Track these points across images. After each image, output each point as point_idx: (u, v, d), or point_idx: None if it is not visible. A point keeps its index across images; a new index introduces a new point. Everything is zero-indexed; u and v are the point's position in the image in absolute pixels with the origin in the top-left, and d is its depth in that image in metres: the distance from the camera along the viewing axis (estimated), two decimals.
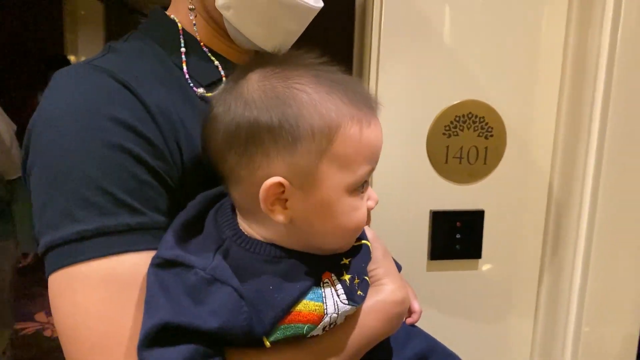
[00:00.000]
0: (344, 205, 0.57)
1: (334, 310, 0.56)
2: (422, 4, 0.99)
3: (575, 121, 1.02)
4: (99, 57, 0.66)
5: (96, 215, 0.56)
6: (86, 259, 0.56)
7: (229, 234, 0.58)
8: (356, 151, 0.56)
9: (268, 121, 0.54)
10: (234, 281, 0.53)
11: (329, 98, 0.55)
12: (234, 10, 0.69)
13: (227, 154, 0.56)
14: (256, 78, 0.57)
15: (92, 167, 0.57)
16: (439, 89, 1.02)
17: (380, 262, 0.66)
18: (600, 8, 0.96)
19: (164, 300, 0.53)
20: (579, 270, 1.01)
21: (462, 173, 1.05)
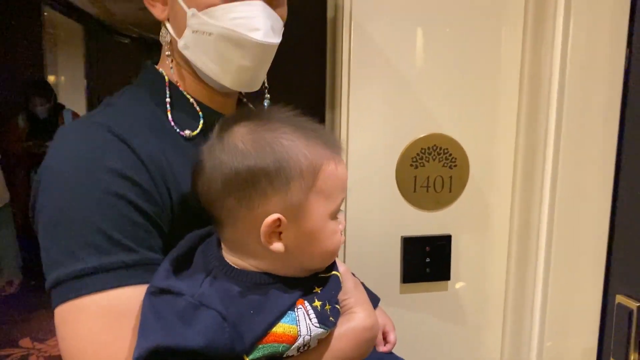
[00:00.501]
0: (328, 230, 0.68)
1: (307, 332, 0.64)
2: (386, 45, 1.06)
3: (532, 150, 1.10)
4: (98, 112, 0.75)
5: (95, 254, 0.65)
6: (87, 293, 0.64)
7: (215, 264, 0.67)
8: (334, 184, 0.67)
9: (264, 166, 0.63)
10: (218, 306, 0.60)
11: (309, 144, 0.65)
12: (190, 49, 0.77)
13: (226, 198, 0.64)
14: (245, 131, 0.66)
15: (91, 212, 0.65)
16: (405, 124, 1.09)
17: (351, 292, 0.73)
18: (549, 45, 1.05)
19: (156, 323, 0.61)
20: (539, 289, 1.09)
21: (429, 201, 1.12)
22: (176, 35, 0.78)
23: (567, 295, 1.09)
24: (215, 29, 0.73)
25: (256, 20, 0.73)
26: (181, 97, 0.81)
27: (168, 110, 0.78)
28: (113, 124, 0.71)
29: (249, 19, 0.73)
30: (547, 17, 1.06)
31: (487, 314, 1.19)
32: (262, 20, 0.73)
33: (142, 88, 0.82)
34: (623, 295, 1.04)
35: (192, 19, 0.74)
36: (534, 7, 1.08)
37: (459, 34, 1.09)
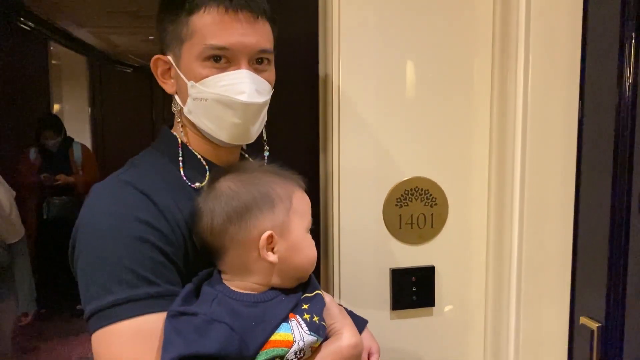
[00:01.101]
0: (306, 242, 0.88)
1: (301, 338, 0.79)
2: (371, 101, 1.21)
3: (501, 189, 1.25)
4: (124, 171, 0.92)
5: (126, 288, 0.80)
6: (119, 320, 0.80)
7: (220, 289, 0.84)
8: (304, 206, 0.90)
9: (253, 198, 0.84)
10: (227, 319, 0.77)
11: (280, 179, 0.89)
12: (193, 113, 0.94)
13: (228, 228, 0.83)
14: (230, 179, 0.87)
15: (123, 254, 0.82)
16: (389, 169, 1.24)
17: (337, 317, 0.89)
18: (512, 95, 1.19)
19: (177, 338, 0.76)
20: (513, 313, 1.22)
21: (414, 236, 1.27)
22: (182, 103, 0.95)
23: (538, 318, 1.22)
24: (209, 95, 0.89)
25: (242, 85, 0.89)
26: (191, 155, 0.97)
27: (181, 167, 0.95)
28: (137, 181, 0.88)
29: (235, 85, 0.89)
30: (509, 73, 1.20)
31: (469, 336, 1.32)
32: (247, 85, 0.89)
33: (159, 149, 0.98)
34: (585, 317, 1.17)
35: (192, 89, 0.91)
36: (498, 67, 1.24)
37: (435, 88, 1.24)
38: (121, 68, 6.47)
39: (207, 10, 0.88)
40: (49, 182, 3.75)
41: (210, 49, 0.88)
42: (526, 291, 1.21)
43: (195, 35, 0.89)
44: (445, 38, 1.23)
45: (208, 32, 0.88)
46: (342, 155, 1.22)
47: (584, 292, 1.20)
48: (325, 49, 1.26)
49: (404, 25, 1.21)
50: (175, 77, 0.95)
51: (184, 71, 0.91)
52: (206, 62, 0.89)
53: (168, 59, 0.94)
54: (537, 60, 1.16)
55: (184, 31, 0.90)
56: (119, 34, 5.25)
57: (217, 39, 0.88)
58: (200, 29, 0.88)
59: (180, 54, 0.91)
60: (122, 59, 6.31)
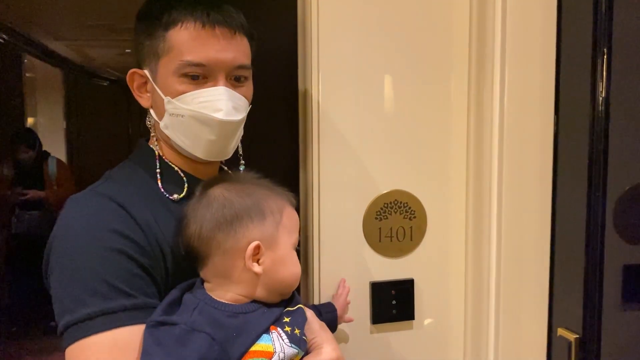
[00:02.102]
0: (292, 258, 0.89)
1: (281, 350, 0.80)
2: (349, 116, 1.22)
3: (479, 202, 1.26)
4: (101, 184, 0.92)
5: (100, 300, 0.79)
6: (94, 333, 0.78)
7: (201, 297, 0.83)
8: (293, 222, 0.91)
9: (246, 207, 0.85)
10: (208, 329, 0.77)
11: (274, 193, 0.90)
12: (169, 129, 0.94)
13: (216, 234, 0.83)
14: (223, 188, 0.87)
15: (98, 266, 0.80)
16: (368, 183, 1.24)
17: (318, 332, 0.89)
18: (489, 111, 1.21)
19: (157, 348, 0.76)
20: (492, 325, 1.23)
21: (393, 249, 1.27)
22: (158, 118, 0.94)
23: (517, 331, 1.23)
24: (186, 111, 0.89)
25: (219, 103, 0.89)
26: (169, 168, 0.97)
27: (159, 180, 0.94)
28: (113, 193, 0.87)
29: (213, 102, 0.89)
30: (486, 91, 1.23)
31: (449, 349, 1.32)
32: (224, 102, 0.89)
33: (136, 162, 0.98)
34: (563, 328, 1.18)
35: (168, 104, 0.90)
36: (475, 78, 1.26)
37: (414, 102, 1.25)
38: (97, 81, 6.43)
39: (184, 25, 0.88)
40: (19, 196, 3.68)
41: (187, 66, 0.88)
42: (505, 303, 1.22)
43: (171, 51, 0.89)
44: (422, 54, 1.25)
45: (185, 48, 0.88)
46: (322, 168, 1.22)
47: (562, 304, 1.21)
48: (305, 63, 1.26)
49: (383, 41, 1.22)
50: (151, 91, 0.95)
51: (161, 86, 0.91)
52: (183, 78, 0.89)
53: (144, 73, 0.94)
54: (513, 75, 1.19)
55: (160, 46, 0.90)
56: (95, 46, 5.21)
57: (194, 55, 0.88)
58: (177, 44, 0.88)
59: (157, 69, 0.91)
60: (99, 72, 6.26)
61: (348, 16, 1.20)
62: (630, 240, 1.19)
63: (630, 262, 1.18)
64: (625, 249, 1.18)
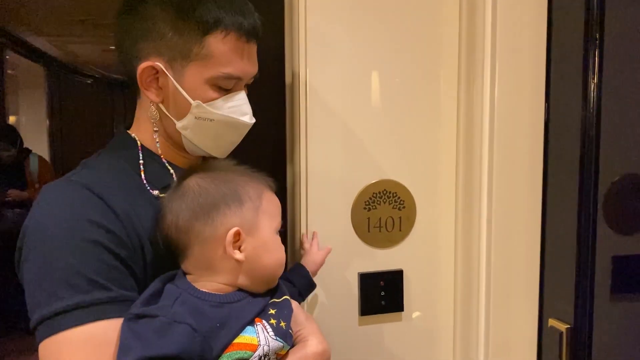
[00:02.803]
0: (275, 243, 0.86)
1: (266, 342, 0.77)
2: (338, 105, 1.19)
3: (469, 192, 1.24)
4: (76, 172, 0.87)
5: (75, 293, 0.75)
6: (68, 327, 0.74)
7: (184, 287, 0.80)
8: (274, 207, 0.89)
9: (223, 194, 0.82)
10: (189, 320, 0.73)
11: (252, 179, 0.88)
12: (190, 130, 0.91)
13: (194, 224, 0.81)
14: (199, 176, 0.85)
15: (71, 257, 0.76)
16: (357, 173, 1.22)
17: (303, 324, 0.87)
18: (479, 99, 1.19)
19: (136, 341, 0.72)
20: (482, 316, 1.21)
21: (382, 240, 1.24)
22: (174, 117, 0.90)
23: (507, 321, 1.22)
24: (217, 116, 0.89)
25: (244, 107, 0.93)
26: (155, 159, 0.93)
27: (142, 171, 0.90)
28: (90, 182, 0.82)
29: (239, 107, 0.92)
30: (477, 78, 1.21)
31: (439, 340, 1.30)
32: (247, 107, 0.94)
33: (116, 151, 0.93)
34: (554, 319, 1.17)
35: (197, 108, 0.88)
36: (465, 69, 1.24)
37: (403, 91, 1.23)
38: (81, 79, 6.35)
39: (228, 35, 0.86)
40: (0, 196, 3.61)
41: (227, 78, 0.88)
42: (495, 294, 1.20)
43: (210, 59, 0.86)
44: (412, 45, 1.23)
45: (225, 60, 0.87)
46: (310, 158, 1.19)
47: (553, 294, 1.20)
48: (292, 54, 1.24)
49: (372, 31, 1.20)
50: (164, 87, 0.89)
51: (188, 89, 0.88)
52: (215, 86, 0.89)
53: (160, 68, 0.87)
54: (503, 64, 1.17)
55: (194, 50, 0.86)
56: (78, 43, 5.13)
57: (234, 69, 0.88)
58: (217, 54, 0.86)
59: (184, 71, 0.87)
60: (82, 70, 6.19)
61: (337, 6, 1.18)
62: (619, 231, 1.18)
63: (619, 253, 1.17)
64: (614, 239, 1.17)
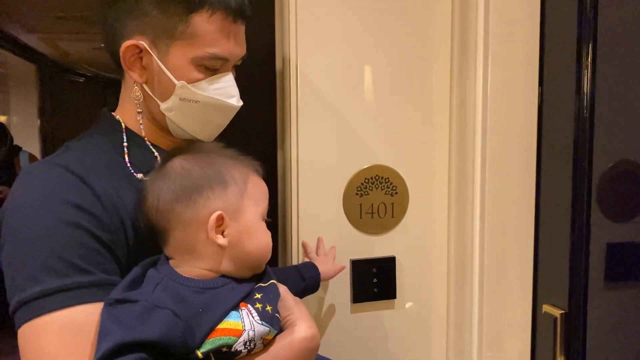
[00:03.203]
0: (260, 228, 0.83)
1: (251, 327, 0.74)
2: (329, 90, 1.18)
3: (462, 177, 1.23)
4: (58, 154, 0.84)
5: (55, 277, 0.73)
6: (48, 312, 0.72)
7: (165, 272, 0.77)
8: (260, 191, 0.85)
9: (206, 177, 0.79)
10: (171, 305, 0.70)
11: (239, 162, 0.85)
12: (175, 111, 0.88)
13: (175, 206, 0.78)
14: (183, 158, 0.82)
15: (51, 240, 0.74)
16: (349, 158, 1.20)
17: (292, 309, 0.84)
18: (472, 85, 1.18)
19: (116, 326, 0.69)
20: (476, 303, 1.20)
21: (374, 226, 1.23)
22: (158, 98, 0.88)
23: (501, 308, 1.20)
24: (202, 97, 0.87)
25: (231, 89, 0.91)
26: (139, 141, 0.91)
27: (125, 153, 0.88)
28: (71, 164, 0.80)
29: (226, 89, 0.89)
30: (469, 62, 1.19)
31: (432, 328, 1.29)
32: (234, 89, 0.91)
33: (99, 133, 0.91)
34: (548, 305, 1.16)
35: (181, 89, 0.86)
36: (458, 53, 1.23)
37: (396, 76, 1.21)
38: (73, 77, 6.29)
39: (213, 14, 0.84)
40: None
41: (212, 58, 0.86)
42: (489, 280, 1.19)
43: (194, 38, 0.84)
44: (405, 31, 1.22)
45: (211, 40, 0.85)
46: (301, 143, 1.17)
47: (546, 280, 1.19)
48: (282, 40, 1.22)
49: (365, 14, 1.19)
50: (149, 67, 0.87)
51: (172, 69, 0.85)
52: (201, 67, 0.86)
53: (144, 46, 0.85)
54: (497, 52, 1.15)
55: (179, 28, 0.83)
56: (70, 40, 5.08)
57: (220, 49, 0.86)
58: (202, 33, 0.84)
59: (169, 50, 0.85)
60: (74, 68, 6.13)
61: None
62: (613, 219, 1.17)
63: (613, 241, 1.16)
64: (609, 226, 1.16)
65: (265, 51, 1.30)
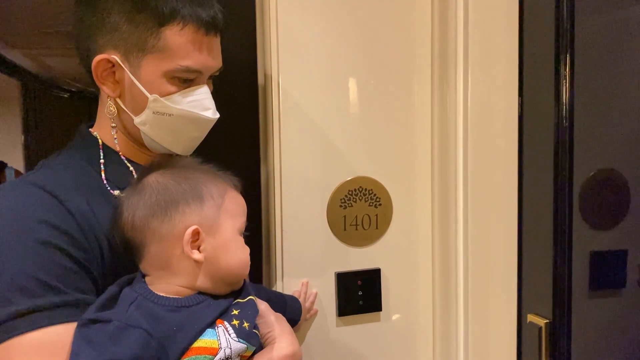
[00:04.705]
0: (238, 243, 0.82)
1: (227, 345, 0.74)
2: (310, 104, 1.18)
3: (445, 188, 1.23)
4: (33, 173, 0.84)
5: (28, 297, 0.71)
6: (20, 333, 0.70)
7: (140, 291, 0.76)
8: (237, 206, 0.85)
9: (182, 191, 0.79)
10: (144, 324, 0.70)
11: (215, 177, 0.84)
12: (149, 125, 0.87)
13: (150, 221, 0.77)
14: (159, 173, 0.81)
15: (24, 260, 0.72)
16: (332, 170, 1.20)
17: (273, 325, 0.84)
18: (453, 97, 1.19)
19: (88, 348, 0.68)
20: (461, 313, 1.19)
21: (358, 238, 1.22)
22: (132, 112, 0.87)
23: (486, 318, 1.20)
24: (176, 110, 0.86)
25: (206, 102, 0.90)
26: (115, 157, 0.90)
27: (102, 170, 0.87)
28: (45, 182, 0.79)
29: (200, 101, 0.88)
30: (450, 75, 1.20)
31: (418, 340, 1.28)
32: (209, 102, 0.91)
33: (76, 150, 0.90)
34: (533, 314, 1.16)
35: (154, 103, 0.85)
36: (438, 66, 1.23)
37: (377, 88, 1.22)
38: (57, 93, 6.25)
39: (185, 27, 0.84)
40: None
41: (184, 71, 0.85)
42: (473, 291, 1.19)
43: (166, 51, 0.84)
44: (385, 44, 1.22)
45: (183, 52, 0.84)
46: (284, 156, 1.17)
47: (531, 290, 1.19)
48: (264, 52, 1.22)
49: (346, 27, 1.20)
50: (121, 82, 0.87)
51: (145, 83, 0.85)
52: (174, 80, 0.86)
53: (116, 61, 0.85)
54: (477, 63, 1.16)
55: (150, 42, 0.83)
56: (54, 56, 5.05)
57: (193, 62, 0.86)
58: (174, 46, 0.84)
59: (140, 64, 0.84)
60: (58, 84, 6.09)
61: (309, 3, 1.17)
62: (596, 227, 1.18)
63: (597, 249, 1.17)
64: (591, 235, 1.17)
65: (246, 65, 1.30)
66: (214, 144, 0.99)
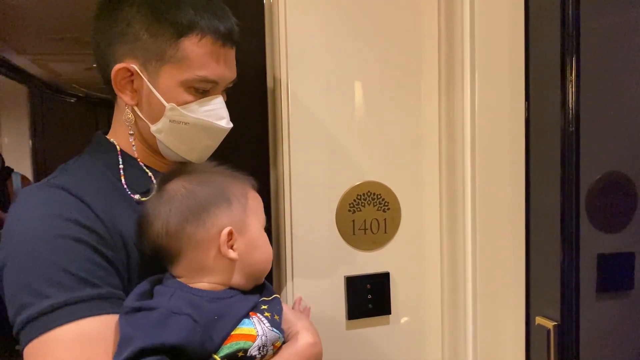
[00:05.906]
0: (263, 239, 0.89)
1: (263, 333, 0.79)
2: (320, 108, 1.19)
3: (453, 192, 1.24)
4: (54, 177, 0.86)
5: (63, 291, 0.73)
6: (59, 325, 0.72)
7: (176, 286, 0.79)
8: (259, 204, 0.91)
9: (210, 196, 0.83)
10: (189, 310, 0.73)
11: (234, 180, 0.89)
12: (165, 133, 0.90)
13: (185, 227, 0.81)
14: (183, 179, 0.84)
15: (56, 256, 0.74)
16: (341, 175, 1.21)
17: (293, 322, 0.88)
18: (460, 101, 1.20)
19: (135, 332, 0.71)
20: (470, 316, 1.20)
21: (367, 242, 1.24)
22: (149, 120, 0.90)
23: (494, 321, 1.21)
24: (192, 119, 0.88)
25: (221, 111, 0.93)
26: (133, 163, 0.92)
27: (122, 175, 0.89)
28: (70, 186, 0.81)
29: (215, 111, 0.91)
30: (457, 80, 1.21)
31: (427, 342, 1.29)
32: (224, 111, 0.93)
33: (95, 155, 0.92)
34: (541, 317, 1.17)
35: (171, 111, 0.87)
36: (445, 71, 1.25)
37: (385, 93, 1.23)
38: (64, 98, 6.29)
39: (203, 39, 0.86)
40: None
41: (201, 81, 0.88)
42: (482, 293, 1.20)
43: (184, 62, 0.86)
44: (394, 47, 1.24)
45: (200, 63, 0.87)
46: (293, 161, 1.19)
47: (539, 293, 1.20)
48: (273, 59, 1.24)
49: (354, 32, 1.21)
50: (140, 90, 0.89)
51: (162, 92, 0.87)
52: (191, 89, 0.88)
53: (135, 70, 0.87)
54: (484, 67, 1.18)
55: (169, 52, 0.85)
56: (61, 61, 5.10)
57: (209, 72, 0.88)
58: (192, 57, 0.86)
59: (159, 73, 0.86)
60: (65, 88, 6.14)
61: (317, 10, 1.18)
62: (603, 229, 1.19)
63: (604, 252, 1.18)
64: (599, 237, 1.18)
65: (256, 71, 1.31)
66: (223, 149, 1.01)
